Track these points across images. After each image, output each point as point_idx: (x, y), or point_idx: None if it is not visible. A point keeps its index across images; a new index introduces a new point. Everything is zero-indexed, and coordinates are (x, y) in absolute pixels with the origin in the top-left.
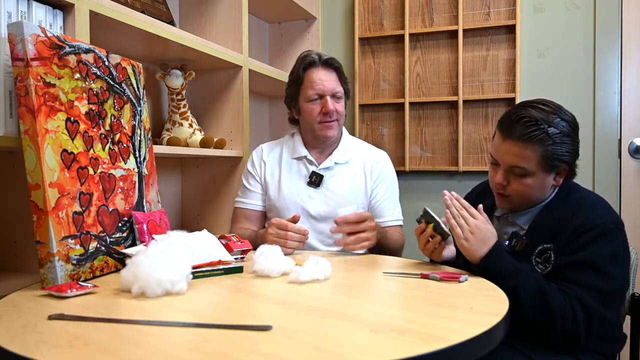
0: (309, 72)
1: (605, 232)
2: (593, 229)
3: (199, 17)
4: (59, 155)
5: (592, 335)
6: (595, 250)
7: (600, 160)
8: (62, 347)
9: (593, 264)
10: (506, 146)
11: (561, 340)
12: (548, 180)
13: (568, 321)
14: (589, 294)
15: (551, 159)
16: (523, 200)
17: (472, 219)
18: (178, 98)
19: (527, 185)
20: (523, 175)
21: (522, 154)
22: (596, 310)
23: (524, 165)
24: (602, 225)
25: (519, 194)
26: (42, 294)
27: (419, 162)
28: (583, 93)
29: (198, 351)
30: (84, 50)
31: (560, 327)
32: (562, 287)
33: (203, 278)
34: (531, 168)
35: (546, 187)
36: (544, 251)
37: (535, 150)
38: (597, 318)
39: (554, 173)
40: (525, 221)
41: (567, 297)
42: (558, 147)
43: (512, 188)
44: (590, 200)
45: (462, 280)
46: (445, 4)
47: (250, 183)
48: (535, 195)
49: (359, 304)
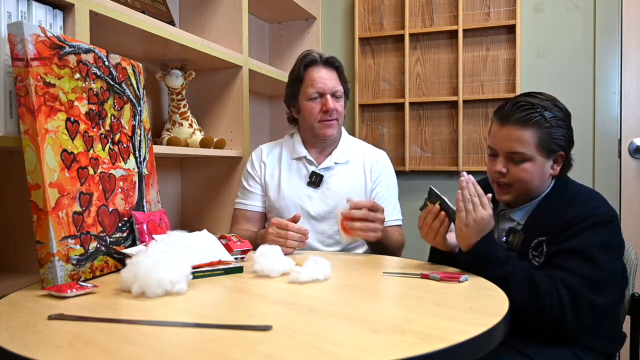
0: (310, 71)
1: (597, 223)
2: (586, 220)
3: (199, 17)
4: (59, 155)
5: (582, 320)
6: (584, 239)
7: (600, 160)
8: (62, 347)
9: (580, 251)
10: (504, 132)
11: (551, 325)
12: (546, 167)
13: (555, 305)
14: (574, 278)
15: (548, 142)
16: (523, 189)
17: (481, 208)
18: (178, 98)
19: (527, 171)
20: (522, 161)
21: (521, 138)
22: (583, 293)
23: (523, 150)
24: (596, 216)
25: (519, 182)
26: (42, 294)
27: (419, 162)
28: (583, 93)
29: (198, 351)
30: (84, 50)
31: (548, 311)
32: (548, 272)
33: (203, 278)
34: (530, 152)
35: (545, 175)
36: (539, 244)
37: (533, 133)
38: (585, 302)
39: (551, 160)
40: (521, 216)
41: (552, 280)
42: (554, 131)
43: (511, 176)
44: (586, 194)
45: (462, 280)
46: (445, 4)
47: (250, 184)
48: (535, 184)
49: (359, 304)
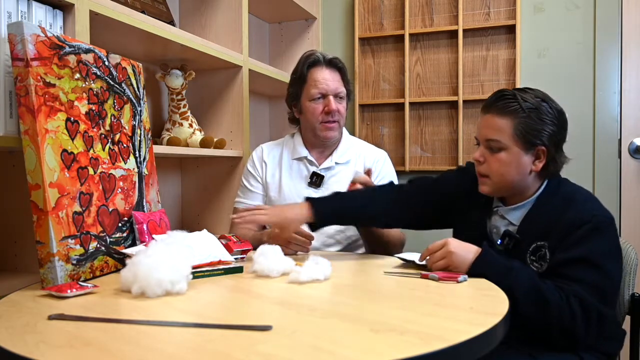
0: (313, 71)
1: (598, 227)
2: (586, 224)
3: (199, 17)
4: (59, 155)
5: (591, 332)
6: (590, 247)
7: (600, 160)
8: (62, 347)
9: (589, 260)
10: (484, 120)
11: (559, 337)
12: (524, 161)
13: (565, 317)
14: (586, 290)
15: (524, 133)
16: (500, 181)
17: (439, 251)
18: (178, 98)
19: (502, 162)
20: (498, 150)
21: (496, 125)
22: (594, 306)
23: (498, 137)
24: (595, 219)
25: (495, 173)
26: (42, 294)
27: (419, 162)
28: (583, 93)
29: (198, 351)
30: (84, 50)
31: (558, 323)
32: (558, 283)
33: (203, 278)
34: (505, 141)
35: (523, 168)
36: (538, 249)
37: (509, 122)
38: (595, 314)
39: (530, 154)
40: (516, 217)
41: (564, 293)
42: (532, 122)
43: (488, 166)
44: (581, 195)
45: (460, 281)
46: (445, 4)
47: (251, 183)
48: (512, 176)
49: (359, 304)
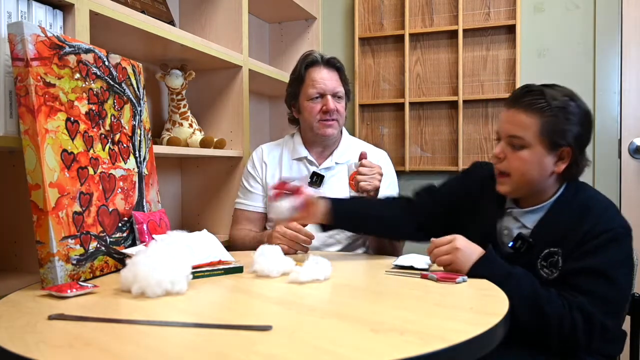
0: (311, 71)
1: (615, 238)
2: (603, 234)
3: (199, 17)
4: (59, 155)
5: (592, 342)
6: (605, 257)
7: (600, 160)
8: (62, 347)
9: (602, 272)
10: (509, 115)
11: (558, 345)
12: (547, 161)
13: (566, 327)
14: (594, 302)
15: (551, 132)
16: (520, 181)
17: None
18: (178, 98)
19: (523, 160)
20: (521, 148)
21: (522, 122)
22: (598, 320)
23: (522, 134)
24: (613, 230)
25: (517, 171)
26: (42, 294)
27: (419, 162)
28: (583, 93)
29: (198, 351)
30: (84, 50)
31: (557, 332)
32: (566, 293)
33: (203, 278)
34: (529, 139)
35: (544, 169)
36: (550, 255)
37: (535, 120)
38: (598, 327)
39: (554, 154)
40: (531, 221)
41: (567, 303)
42: (559, 122)
43: (509, 164)
44: (600, 203)
45: (459, 282)
46: (445, 4)
47: (251, 184)
48: (533, 176)
49: (359, 304)
